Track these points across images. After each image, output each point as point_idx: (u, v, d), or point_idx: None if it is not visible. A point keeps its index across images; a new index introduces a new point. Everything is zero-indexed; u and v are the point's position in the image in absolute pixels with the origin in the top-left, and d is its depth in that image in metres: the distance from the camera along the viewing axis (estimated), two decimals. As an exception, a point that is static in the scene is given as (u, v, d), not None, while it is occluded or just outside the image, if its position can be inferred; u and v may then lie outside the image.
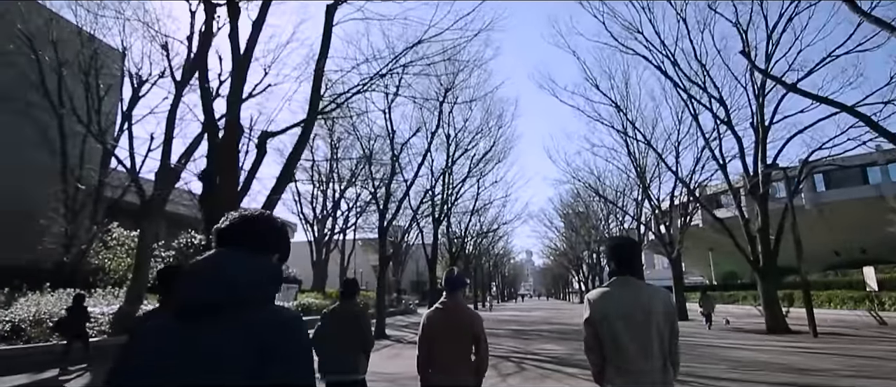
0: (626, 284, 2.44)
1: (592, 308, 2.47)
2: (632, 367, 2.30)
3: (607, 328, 2.37)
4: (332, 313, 4.40)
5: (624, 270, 2.50)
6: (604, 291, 2.50)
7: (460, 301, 3.42)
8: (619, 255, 2.53)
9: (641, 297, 2.39)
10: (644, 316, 2.33)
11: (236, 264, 1.06)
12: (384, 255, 16.74)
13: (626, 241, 2.69)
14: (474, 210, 31.37)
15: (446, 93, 17.64)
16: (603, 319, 2.40)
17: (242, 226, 1.18)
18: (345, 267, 34.48)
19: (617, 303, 2.39)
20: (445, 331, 3.27)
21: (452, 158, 21.68)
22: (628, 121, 22.23)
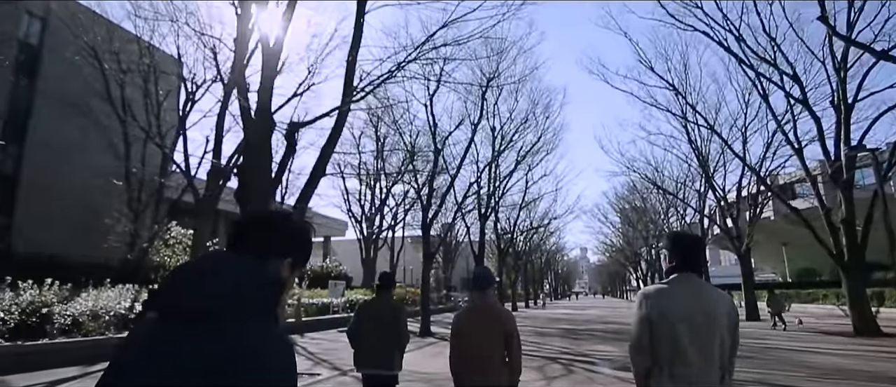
0: (689, 283, 2.24)
1: (650, 305, 2.23)
2: (689, 374, 2.10)
3: (665, 329, 2.15)
4: (367, 306, 4.31)
5: (687, 267, 2.28)
6: (663, 287, 2.28)
7: (490, 299, 3.30)
8: (683, 249, 2.33)
9: (705, 298, 2.19)
10: (707, 320, 2.14)
11: (225, 269, 0.95)
12: (428, 251, 16.40)
13: (690, 236, 2.52)
14: (523, 204, 30.52)
15: (489, 82, 17.01)
16: (661, 318, 2.17)
17: (251, 227, 1.10)
18: (394, 264, 34.62)
19: (679, 302, 2.18)
20: (475, 330, 3.18)
21: (498, 150, 20.99)
22: (688, 104, 20.62)
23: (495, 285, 3.53)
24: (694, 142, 22.52)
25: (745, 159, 20.47)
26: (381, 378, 4.10)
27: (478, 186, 21.21)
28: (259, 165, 8.08)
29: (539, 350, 11.82)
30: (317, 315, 18.20)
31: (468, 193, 20.09)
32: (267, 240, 1.07)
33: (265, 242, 1.06)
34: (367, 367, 4.11)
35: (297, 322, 16.28)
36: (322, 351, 11.69)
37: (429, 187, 16.77)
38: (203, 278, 0.94)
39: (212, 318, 0.89)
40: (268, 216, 1.14)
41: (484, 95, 17.35)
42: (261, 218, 1.13)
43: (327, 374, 8.66)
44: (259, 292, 0.96)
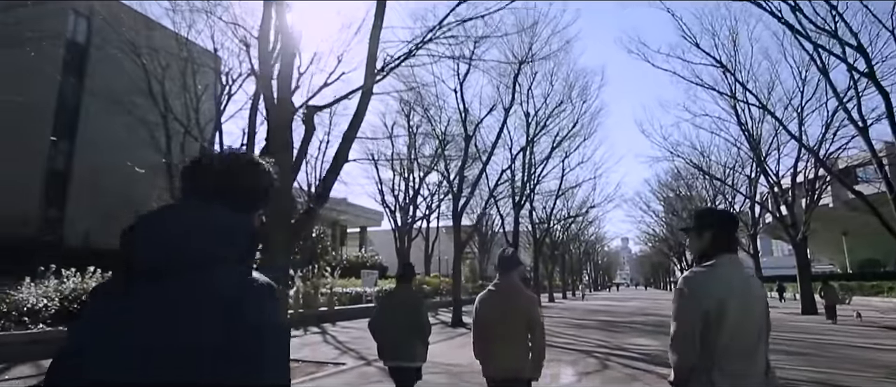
0: (739, 265, 2.03)
1: (701, 290, 1.92)
2: (742, 368, 1.88)
3: (719, 317, 1.87)
4: (388, 296, 4.30)
5: (734, 247, 2.06)
6: (710, 269, 1.98)
7: (514, 283, 3.17)
8: (727, 227, 2.08)
9: (751, 282, 2.01)
10: (758, 305, 1.96)
11: (193, 219, 0.89)
12: (459, 240, 16.04)
13: (727, 212, 2.32)
14: (559, 193, 29.67)
15: (521, 64, 16.38)
16: (716, 304, 1.88)
17: (211, 172, 1.01)
18: (429, 254, 34.56)
19: (734, 286, 1.93)
20: (497, 315, 3.08)
21: (532, 136, 20.34)
22: (738, 82, 19.23)
23: (521, 268, 3.35)
24: (744, 123, 21.10)
25: (802, 141, 18.97)
26: (405, 370, 4.05)
27: (511, 174, 20.63)
28: (281, 150, 7.94)
29: (574, 343, 11.29)
30: (349, 304, 18.24)
31: (500, 181, 19.54)
32: (234, 190, 0.98)
33: (232, 191, 0.98)
34: (390, 359, 4.07)
35: (329, 311, 16.34)
36: (351, 340, 11.59)
37: (459, 175, 16.39)
38: (173, 232, 0.88)
39: (185, 271, 0.84)
40: (228, 158, 1.04)
41: (516, 78, 16.75)
42: (224, 166, 1.02)
43: (352, 364, 8.50)
44: (235, 246, 0.90)
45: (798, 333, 13.59)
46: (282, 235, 7.82)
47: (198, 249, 0.87)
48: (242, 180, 1.02)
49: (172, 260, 0.85)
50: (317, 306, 16.06)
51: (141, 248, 0.88)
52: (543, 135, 22.09)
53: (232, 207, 0.95)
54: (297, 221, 8.12)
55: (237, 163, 1.04)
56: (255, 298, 0.86)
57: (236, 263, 0.89)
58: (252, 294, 0.86)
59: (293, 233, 7.99)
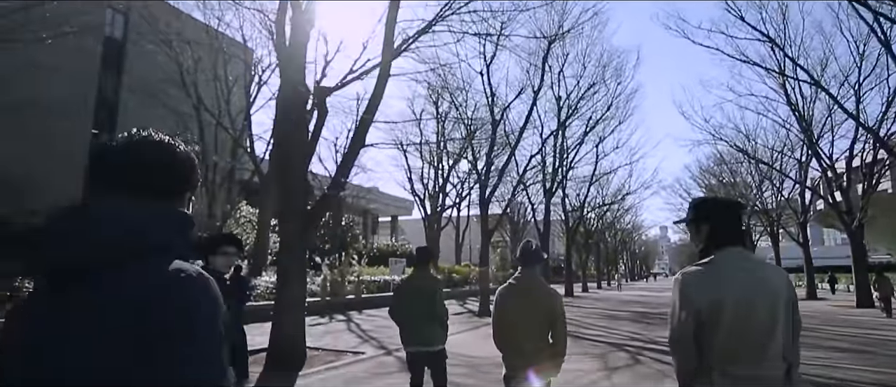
0: (742, 258, 1.83)
1: (692, 289, 1.79)
2: (748, 373, 1.72)
3: (715, 318, 1.74)
4: (405, 282, 4.27)
5: (735, 239, 1.86)
6: (707, 266, 1.83)
7: (536, 277, 3.10)
8: (724, 217, 1.91)
9: (761, 275, 1.81)
10: (766, 302, 1.76)
11: (101, 215, 0.84)
12: (487, 228, 15.65)
13: (725, 200, 2.18)
14: (593, 179, 28.69)
15: (550, 44, 15.69)
16: (709, 304, 1.75)
17: (118, 160, 0.92)
18: (460, 243, 34.30)
19: (730, 283, 1.77)
20: (518, 308, 3.02)
21: (563, 120, 19.59)
22: (787, 57, 17.84)
23: (543, 262, 3.28)
24: (794, 103, 19.66)
25: (859, 120, 17.51)
26: (426, 355, 4.00)
27: (542, 159, 19.98)
28: (295, 135, 7.79)
29: (605, 336, 10.77)
30: (377, 292, 18.20)
31: (529, 167, 18.95)
32: (147, 177, 0.92)
33: (146, 179, 0.91)
34: (410, 344, 4.05)
35: (356, 298, 16.32)
36: (374, 328, 11.46)
37: (487, 161, 15.95)
38: (79, 232, 0.82)
39: (92, 273, 0.79)
40: (141, 149, 0.94)
41: (545, 58, 16.05)
42: (132, 152, 0.93)
43: (372, 352, 8.32)
44: (150, 239, 0.84)
45: (852, 327, 12.59)
46: (296, 222, 7.65)
47: (106, 248, 0.81)
48: (155, 166, 0.94)
49: (78, 263, 0.80)
50: (344, 293, 16.06)
51: (45, 253, 0.84)
52: (575, 119, 21.29)
53: (149, 197, 0.90)
54: (312, 207, 7.94)
55: (146, 147, 0.95)
56: (175, 293, 0.79)
57: (156, 256, 0.83)
58: (172, 290, 0.79)
59: (308, 219, 7.81)
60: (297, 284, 7.68)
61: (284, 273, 7.70)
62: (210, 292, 0.83)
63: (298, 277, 7.75)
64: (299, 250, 7.78)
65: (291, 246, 7.68)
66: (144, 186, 0.91)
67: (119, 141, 0.95)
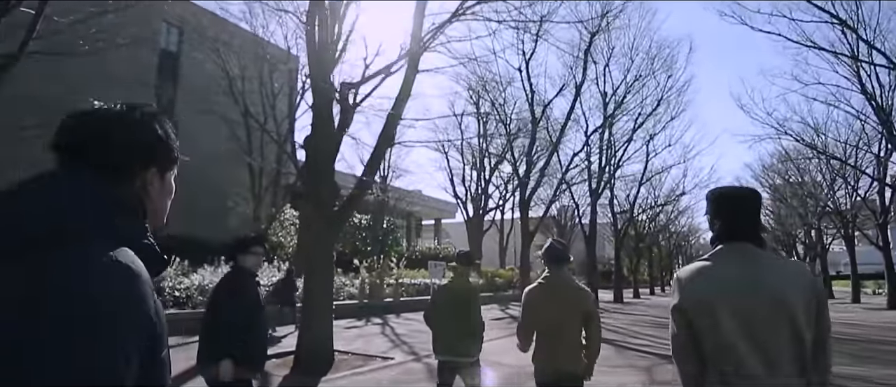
0: (741, 256, 1.59)
1: (685, 291, 1.60)
2: (748, 382, 1.48)
3: (708, 321, 1.53)
4: (441, 289, 4.18)
5: (738, 234, 1.62)
6: (703, 265, 1.64)
7: (565, 276, 3.06)
8: (730, 209, 1.68)
9: (766, 275, 1.54)
10: (770, 306, 1.49)
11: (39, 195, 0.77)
12: (527, 230, 15.10)
13: (738, 190, 1.87)
14: (643, 179, 27.30)
15: (592, 37, 14.93)
16: (702, 306, 1.55)
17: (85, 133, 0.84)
18: (504, 246, 33.69)
19: (725, 283, 1.54)
20: (547, 309, 2.94)
21: (608, 115, 18.68)
22: (861, 40, 16.13)
23: (570, 262, 3.20)
24: (870, 91, 17.80)
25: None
26: (458, 365, 3.91)
27: (587, 157, 19.11)
28: (323, 133, 7.67)
29: (653, 346, 9.97)
30: (416, 296, 17.98)
31: (571, 165, 18.17)
32: (107, 147, 0.83)
33: (106, 150, 0.82)
34: (441, 353, 3.95)
35: (394, 301, 16.17)
36: (408, 333, 11.20)
37: (527, 160, 15.39)
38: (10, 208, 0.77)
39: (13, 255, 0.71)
40: (101, 116, 0.87)
41: (587, 51, 15.30)
42: (93, 120, 0.86)
43: (401, 358, 8.05)
44: (86, 218, 0.76)
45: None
46: (322, 222, 7.50)
47: (11, 235, 0.73)
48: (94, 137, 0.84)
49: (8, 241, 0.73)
50: (382, 296, 15.95)
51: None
52: (623, 115, 20.26)
53: (92, 172, 0.80)
54: (339, 208, 7.77)
55: (92, 115, 0.87)
56: (74, 283, 0.68)
57: (70, 241, 0.72)
58: (73, 283, 0.68)
59: (335, 220, 7.63)
60: (324, 286, 7.53)
61: (311, 275, 7.56)
62: (122, 288, 0.70)
63: (325, 280, 7.60)
64: (326, 252, 7.62)
65: (318, 247, 7.53)
66: (87, 160, 0.81)
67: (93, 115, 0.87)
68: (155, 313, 0.74)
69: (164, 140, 0.89)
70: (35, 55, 12.07)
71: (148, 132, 0.88)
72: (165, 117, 0.93)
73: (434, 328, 3.97)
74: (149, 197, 0.86)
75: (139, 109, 0.90)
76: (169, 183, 0.93)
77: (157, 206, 0.89)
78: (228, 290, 3.17)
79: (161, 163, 0.89)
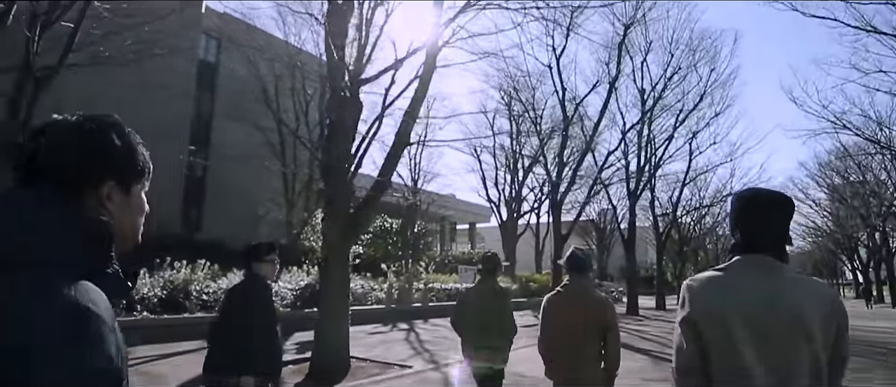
0: (760, 268, 1.43)
1: (694, 302, 1.45)
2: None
3: (719, 335, 1.39)
4: (469, 293, 4.08)
5: (759, 244, 1.45)
6: (716, 275, 1.48)
7: (586, 285, 3.04)
8: (750, 216, 1.50)
9: (784, 292, 1.38)
10: (787, 324, 1.35)
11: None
12: (559, 233, 14.50)
13: (761, 194, 1.57)
14: (686, 179, 25.89)
15: (626, 31, 14.20)
16: (712, 320, 1.41)
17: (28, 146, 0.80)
18: (539, 250, 32.89)
19: (740, 296, 1.39)
20: (565, 318, 2.91)
21: (646, 111, 17.78)
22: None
23: (592, 271, 3.19)
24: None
25: None
26: (485, 371, 3.81)
27: (624, 156, 18.25)
28: (339, 133, 7.49)
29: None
30: (446, 301, 17.63)
31: (606, 165, 17.36)
32: (59, 161, 0.78)
33: (59, 164, 0.77)
34: (469, 359, 3.88)
35: (423, 307, 15.88)
36: (433, 339, 10.87)
37: (558, 161, 14.79)
38: None
39: None
40: (54, 129, 0.81)
41: (621, 46, 14.56)
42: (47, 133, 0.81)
43: (419, 367, 7.73)
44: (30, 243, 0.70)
45: None
46: (338, 225, 7.29)
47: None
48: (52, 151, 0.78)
49: None
50: (410, 301, 15.69)
51: None
52: (663, 112, 19.25)
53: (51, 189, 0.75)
54: (355, 210, 7.54)
55: (51, 127, 0.82)
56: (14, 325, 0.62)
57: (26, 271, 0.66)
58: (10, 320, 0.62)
59: (351, 223, 7.40)
60: (339, 291, 7.31)
61: (326, 280, 7.36)
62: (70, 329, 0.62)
63: (341, 285, 7.38)
64: (342, 256, 7.40)
65: (334, 251, 7.32)
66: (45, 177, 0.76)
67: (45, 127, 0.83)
68: (114, 355, 0.65)
69: (123, 151, 0.83)
70: (74, 67, 12.56)
71: (102, 143, 0.82)
72: (127, 128, 0.87)
73: (461, 333, 3.92)
74: (110, 214, 0.79)
75: (96, 120, 0.84)
76: (136, 199, 0.86)
77: (122, 224, 0.81)
78: (242, 297, 3.11)
79: (121, 176, 0.82)
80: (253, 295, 3.08)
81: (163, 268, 11.48)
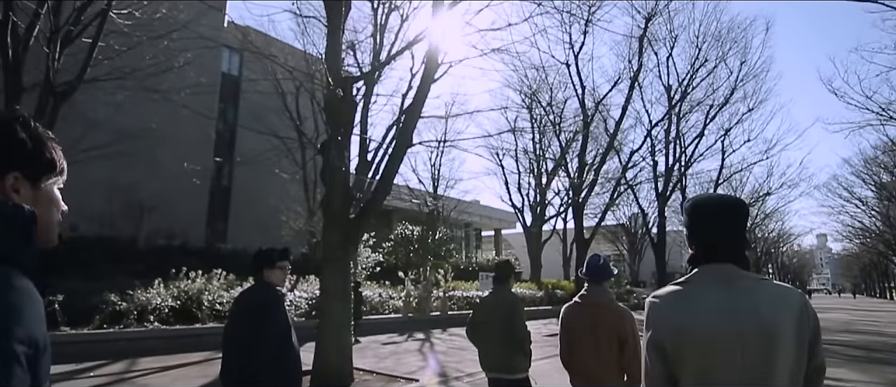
0: (720, 278, 1.34)
1: (658, 319, 1.37)
2: None
3: (686, 355, 1.31)
4: (482, 302, 4.02)
5: (717, 253, 1.37)
6: (676, 290, 1.39)
7: (604, 294, 2.87)
8: (707, 225, 1.41)
9: (752, 301, 1.30)
10: (757, 332, 1.27)
11: None
12: (581, 237, 13.87)
13: (719, 200, 1.46)
14: (719, 180, 24.64)
15: (647, 23, 13.54)
16: (678, 336, 1.32)
17: None
18: (567, 256, 32.02)
19: (703, 310, 1.32)
20: (583, 330, 2.80)
21: (671, 109, 16.97)
22: None
23: (613, 278, 3.05)
24: None
25: None
26: (505, 383, 3.67)
27: (651, 156, 17.44)
28: (333, 134, 7.24)
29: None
30: (467, 309, 17.18)
31: (629, 164, 16.59)
32: None
33: None
34: (487, 369, 3.77)
35: (442, 315, 15.46)
36: (448, 350, 10.44)
37: (579, 161, 14.20)
38: None
39: None
40: None
41: (642, 39, 13.89)
42: None
43: (425, 380, 7.32)
44: None
45: None
46: (337, 232, 6.99)
47: None
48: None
49: None
50: (429, 310, 15.30)
51: None
52: (692, 109, 18.34)
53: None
54: (355, 216, 7.23)
55: None
56: None
57: None
58: None
59: (351, 230, 7.09)
60: (340, 301, 6.99)
61: (326, 290, 7.06)
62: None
63: (342, 295, 7.06)
64: (342, 264, 7.09)
65: (333, 259, 7.02)
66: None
67: None
68: None
69: (28, 143, 0.86)
70: (94, 82, 12.81)
71: (5, 134, 0.85)
72: (36, 124, 0.90)
73: (476, 343, 3.86)
74: None
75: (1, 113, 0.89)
76: (47, 193, 0.88)
77: None
78: (250, 304, 2.99)
79: (27, 168, 0.85)
80: (263, 303, 2.94)
81: (179, 278, 11.48)
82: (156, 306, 9.99)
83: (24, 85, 11.50)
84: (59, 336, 8.25)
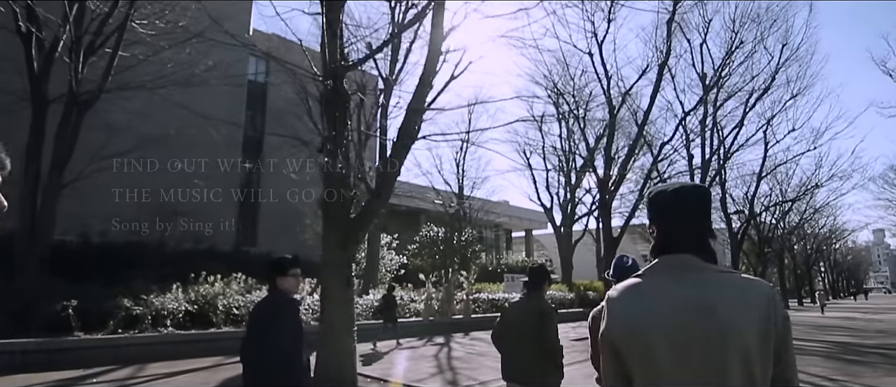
0: (679, 270, 1.22)
1: (613, 315, 1.27)
2: None
3: (639, 355, 1.20)
4: (513, 306, 3.74)
5: (677, 243, 1.26)
6: (633, 283, 1.28)
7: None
8: (666, 214, 1.31)
9: (711, 296, 1.17)
10: (717, 333, 1.13)
11: None
12: (610, 237, 13.10)
13: (677, 188, 1.33)
14: (763, 173, 23.11)
15: (675, 5, 12.67)
16: (631, 336, 1.21)
17: None
18: (601, 256, 30.91)
19: (658, 306, 1.20)
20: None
21: (706, 95, 15.92)
22: None
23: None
24: None
25: None
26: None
27: (687, 149, 16.43)
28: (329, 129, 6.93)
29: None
30: (492, 312, 16.62)
31: (659, 156, 15.64)
32: None
33: None
34: (509, 379, 3.57)
35: (465, 319, 14.98)
36: (465, 356, 9.94)
37: (606, 155, 13.46)
38: None
39: None
40: None
41: (671, 23, 13.02)
42: None
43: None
44: None
45: None
46: (337, 232, 6.66)
47: None
48: None
49: None
50: (451, 313, 14.84)
51: None
52: (729, 97, 17.21)
53: None
54: (356, 216, 6.89)
55: None
56: None
57: None
58: None
59: (351, 230, 6.75)
60: (340, 305, 6.65)
61: (326, 294, 6.74)
62: None
63: (343, 298, 6.71)
64: (343, 266, 6.75)
65: (332, 260, 6.68)
66: None
67: None
68: None
69: None
70: (114, 90, 13.05)
71: None
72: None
73: (502, 351, 3.63)
74: None
75: None
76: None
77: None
78: (271, 314, 3.01)
79: None
80: (273, 315, 2.97)
81: (198, 282, 11.47)
82: (171, 311, 9.95)
83: (50, 96, 11.81)
84: (73, 342, 8.27)
